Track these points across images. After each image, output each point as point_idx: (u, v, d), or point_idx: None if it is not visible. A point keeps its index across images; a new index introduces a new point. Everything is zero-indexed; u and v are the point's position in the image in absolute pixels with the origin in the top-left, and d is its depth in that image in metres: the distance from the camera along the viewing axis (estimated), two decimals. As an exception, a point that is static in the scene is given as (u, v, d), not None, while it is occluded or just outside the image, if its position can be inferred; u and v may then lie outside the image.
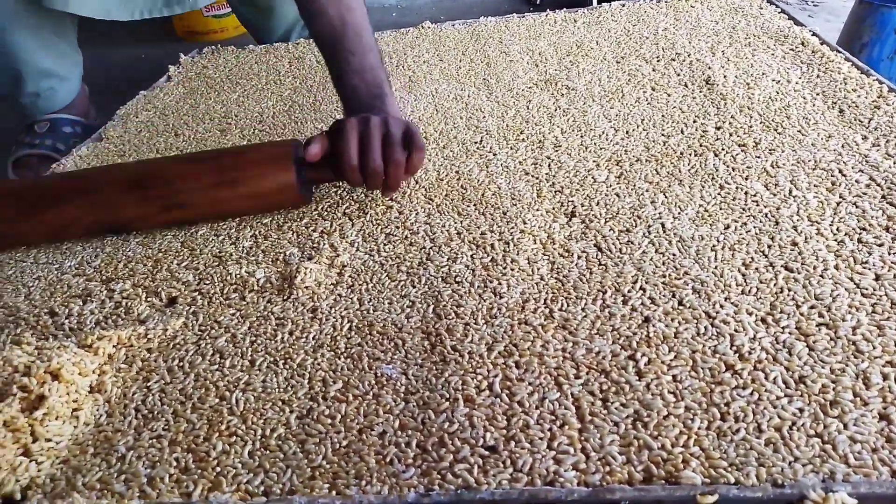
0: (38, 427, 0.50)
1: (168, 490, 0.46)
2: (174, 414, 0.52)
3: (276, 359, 0.56)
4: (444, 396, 0.50)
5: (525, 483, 0.43)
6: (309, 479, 0.46)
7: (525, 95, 0.98)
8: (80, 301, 0.67)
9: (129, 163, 0.85)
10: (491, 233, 0.68)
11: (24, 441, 0.49)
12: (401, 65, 1.16)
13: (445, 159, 0.84)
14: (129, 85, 1.45)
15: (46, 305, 0.67)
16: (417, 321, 0.58)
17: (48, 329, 0.63)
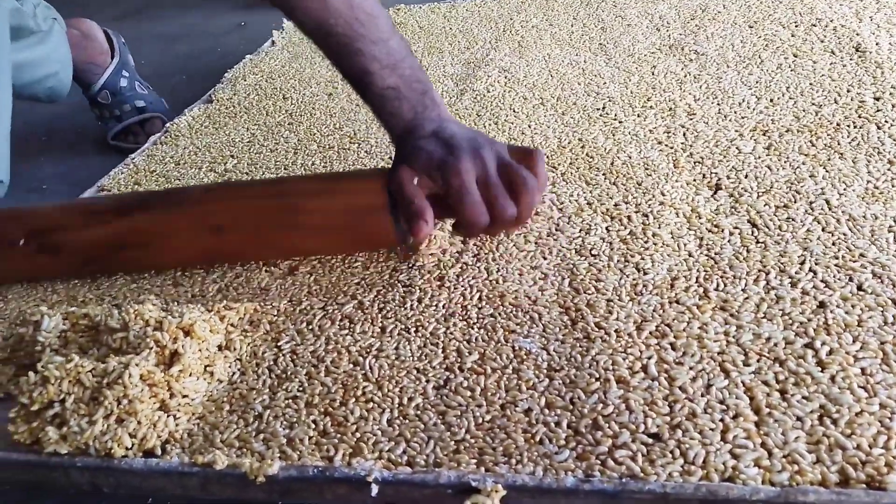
0: (175, 383, 0.49)
1: (309, 452, 0.44)
2: (308, 376, 0.50)
3: (407, 326, 0.54)
4: (594, 376, 0.46)
5: (700, 477, 0.39)
6: (454, 452, 0.43)
7: (648, 61, 0.91)
8: (202, 271, 0.66)
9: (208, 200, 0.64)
10: (626, 204, 0.64)
11: (161, 396, 0.49)
12: (508, 30, 1.11)
13: (566, 126, 0.79)
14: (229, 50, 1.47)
15: (170, 275, 0.66)
16: (552, 294, 0.55)
17: (172, 297, 0.63)
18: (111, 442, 0.46)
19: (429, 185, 0.56)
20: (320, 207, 0.60)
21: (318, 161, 0.82)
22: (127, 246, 0.63)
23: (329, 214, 0.60)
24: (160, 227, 0.63)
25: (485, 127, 0.82)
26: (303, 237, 0.62)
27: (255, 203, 0.62)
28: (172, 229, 0.62)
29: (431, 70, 1.01)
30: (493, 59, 1.00)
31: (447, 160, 0.55)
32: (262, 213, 0.61)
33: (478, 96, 0.90)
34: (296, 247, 0.64)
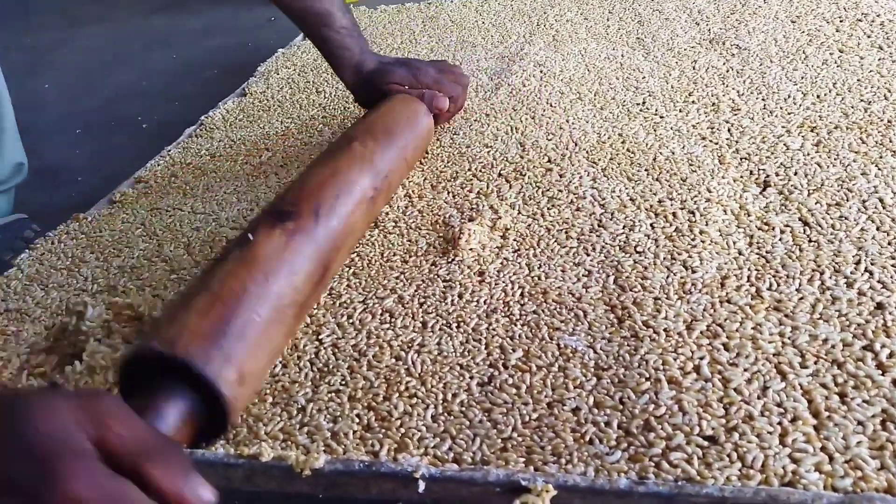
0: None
1: (354, 446, 0.44)
2: (350, 370, 0.50)
3: (449, 322, 0.53)
4: (644, 376, 0.45)
5: (759, 482, 0.37)
6: (501, 450, 0.42)
7: (689, 55, 0.89)
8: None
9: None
10: (671, 200, 0.62)
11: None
12: (542, 24, 1.10)
13: (605, 121, 0.78)
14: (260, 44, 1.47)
15: (208, 263, 0.66)
16: (597, 292, 0.54)
17: None
18: None
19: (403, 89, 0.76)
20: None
21: (352, 155, 0.81)
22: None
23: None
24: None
25: (521, 121, 0.81)
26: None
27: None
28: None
29: (465, 64, 1.01)
30: (528, 53, 0.99)
31: (418, 69, 0.77)
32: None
33: (513, 90, 0.89)
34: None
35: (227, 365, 0.39)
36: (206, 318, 0.41)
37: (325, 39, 0.77)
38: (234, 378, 0.39)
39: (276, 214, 0.51)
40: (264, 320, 0.43)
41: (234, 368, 0.40)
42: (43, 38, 1.85)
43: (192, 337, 0.39)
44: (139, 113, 1.30)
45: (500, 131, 0.80)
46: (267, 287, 0.44)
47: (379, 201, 0.63)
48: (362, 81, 0.78)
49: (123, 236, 0.73)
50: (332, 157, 0.61)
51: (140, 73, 1.48)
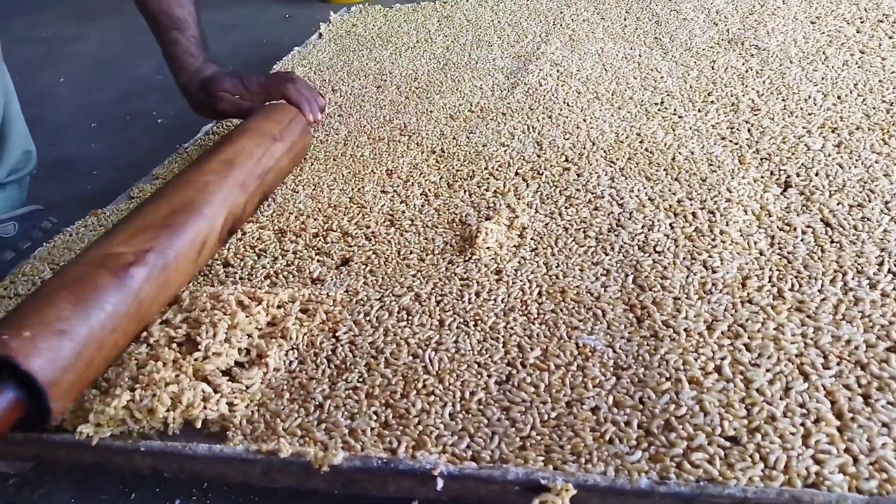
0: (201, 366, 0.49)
1: (371, 444, 0.44)
2: (367, 367, 0.50)
3: (466, 320, 0.53)
4: (664, 376, 0.45)
5: (782, 483, 0.37)
6: (519, 448, 0.42)
7: (707, 55, 0.89)
8: (254, 255, 0.66)
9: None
10: (690, 200, 0.62)
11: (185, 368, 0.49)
12: (558, 23, 1.09)
13: (623, 120, 0.77)
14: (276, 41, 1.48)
15: (221, 255, 0.66)
16: (616, 291, 0.53)
17: (218, 278, 0.63)
18: (153, 402, 0.46)
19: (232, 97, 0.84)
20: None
21: (367, 153, 0.82)
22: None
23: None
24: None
25: (538, 120, 0.81)
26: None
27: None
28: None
29: (481, 63, 1.00)
30: (544, 52, 0.99)
31: (248, 79, 0.85)
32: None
33: (530, 90, 0.89)
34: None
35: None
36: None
37: (174, 42, 0.83)
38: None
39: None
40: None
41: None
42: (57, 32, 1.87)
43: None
44: (154, 107, 1.30)
45: (516, 130, 0.80)
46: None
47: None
48: (197, 87, 0.84)
49: (141, 231, 0.73)
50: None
51: (155, 68, 1.49)
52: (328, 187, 0.75)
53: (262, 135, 0.74)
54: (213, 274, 0.63)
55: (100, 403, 0.47)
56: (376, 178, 0.75)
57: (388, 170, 0.77)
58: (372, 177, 0.76)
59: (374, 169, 0.77)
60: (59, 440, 0.49)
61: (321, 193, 0.74)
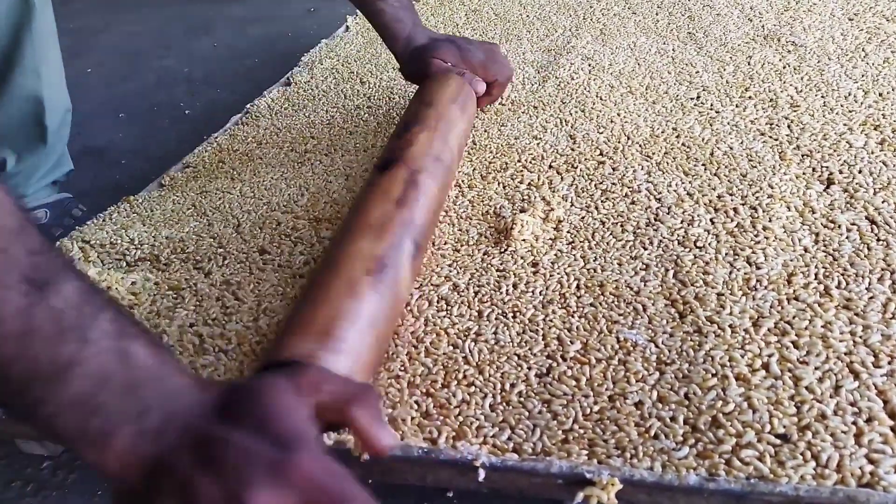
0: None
1: (412, 433, 0.44)
2: (409, 356, 0.49)
3: (504, 311, 0.53)
4: (710, 372, 0.44)
5: (835, 481, 0.36)
6: (562, 442, 0.42)
7: (743, 51, 0.87)
8: (290, 243, 0.66)
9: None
10: (731, 196, 0.61)
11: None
12: (588, 17, 1.08)
13: (658, 115, 0.76)
14: (301, 34, 1.48)
15: (256, 242, 0.66)
16: (657, 286, 0.53)
17: (256, 265, 0.63)
18: None
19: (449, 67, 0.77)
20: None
21: (398, 144, 0.81)
22: None
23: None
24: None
25: (570, 114, 0.80)
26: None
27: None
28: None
29: (511, 56, 1.00)
30: (575, 46, 0.98)
31: (467, 49, 0.78)
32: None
33: (561, 83, 0.88)
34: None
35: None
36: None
37: (379, 12, 0.78)
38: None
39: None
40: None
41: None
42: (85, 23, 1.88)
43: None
44: (181, 99, 1.31)
45: (549, 124, 0.79)
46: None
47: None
48: (411, 55, 0.79)
49: (174, 215, 0.73)
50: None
51: (182, 60, 1.50)
52: (361, 178, 0.75)
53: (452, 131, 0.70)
54: (250, 261, 0.63)
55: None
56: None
57: (420, 161, 0.76)
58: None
59: (406, 160, 0.77)
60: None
61: (355, 184, 0.74)
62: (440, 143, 0.65)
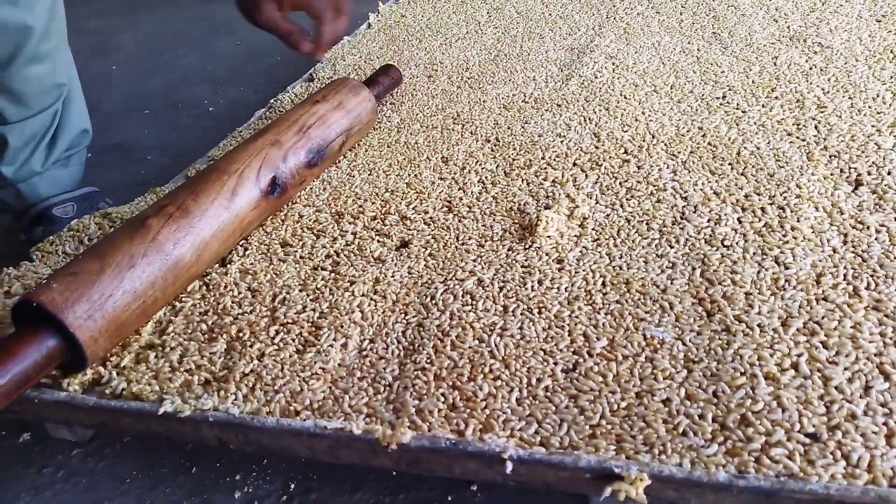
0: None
1: (439, 424, 0.44)
2: (435, 349, 0.50)
3: (530, 307, 0.53)
4: (738, 371, 0.44)
5: (866, 481, 0.36)
6: (589, 437, 0.42)
7: (769, 51, 0.87)
8: (312, 235, 0.66)
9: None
10: (758, 195, 0.61)
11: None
12: (611, 16, 1.08)
13: (683, 114, 0.76)
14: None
15: (279, 234, 0.67)
16: (683, 284, 0.53)
17: (277, 256, 0.64)
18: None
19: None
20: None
21: (421, 140, 0.82)
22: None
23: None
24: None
25: (594, 112, 0.80)
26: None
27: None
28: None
29: (533, 54, 1.00)
30: (598, 45, 0.98)
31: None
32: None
33: (585, 82, 0.88)
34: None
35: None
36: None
37: None
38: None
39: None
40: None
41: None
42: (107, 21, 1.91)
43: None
44: (205, 96, 1.32)
45: (572, 122, 0.79)
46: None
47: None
48: None
49: (201, 210, 0.74)
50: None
51: (204, 58, 1.51)
52: (384, 173, 0.76)
53: (303, 102, 0.76)
54: (271, 252, 0.64)
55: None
56: (432, 164, 0.75)
57: (444, 157, 0.77)
58: (428, 163, 0.76)
59: (430, 156, 0.77)
60: (126, 408, 0.49)
61: (377, 178, 0.75)
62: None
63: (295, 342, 0.52)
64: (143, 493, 0.55)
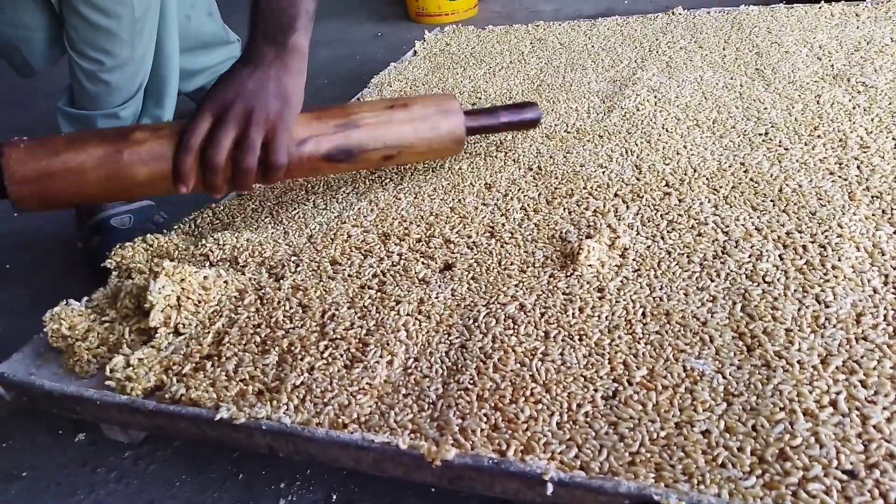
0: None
1: (481, 444, 0.46)
2: (477, 371, 0.52)
3: (571, 334, 0.54)
4: (778, 405, 0.45)
5: (906, 521, 0.37)
6: (629, 463, 0.43)
7: (812, 89, 0.88)
8: (360, 255, 0.69)
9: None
10: (800, 233, 0.61)
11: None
12: (654, 50, 1.10)
13: (725, 149, 0.77)
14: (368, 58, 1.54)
15: (328, 252, 0.70)
16: (724, 318, 0.54)
17: (326, 273, 0.66)
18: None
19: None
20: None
21: (465, 166, 0.84)
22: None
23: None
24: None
25: (636, 144, 0.82)
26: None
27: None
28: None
29: (575, 86, 1.02)
30: (641, 78, 1.00)
31: (204, 99, 0.64)
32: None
33: (627, 114, 0.90)
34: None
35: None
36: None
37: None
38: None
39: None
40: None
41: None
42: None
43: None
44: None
45: (614, 153, 0.81)
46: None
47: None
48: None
49: (253, 222, 0.78)
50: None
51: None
52: (429, 196, 0.78)
53: (384, 101, 0.77)
54: (321, 270, 0.67)
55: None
56: (476, 190, 0.78)
57: (487, 183, 0.79)
58: (471, 189, 0.78)
59: (473, 182, 0.80)
60: (183, 412, 0.52)
61: (422, 202, 0.77)
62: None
63: (343, 357, 0.54)
64: (191, 497, 0.58)
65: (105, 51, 0.82)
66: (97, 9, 0.78)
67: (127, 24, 0.81)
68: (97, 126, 0.89)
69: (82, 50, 0.83)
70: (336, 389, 0.51)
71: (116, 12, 0.79)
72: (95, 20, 0.79)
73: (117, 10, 0.79)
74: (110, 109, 0.89)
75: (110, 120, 0.90)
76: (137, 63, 0.87)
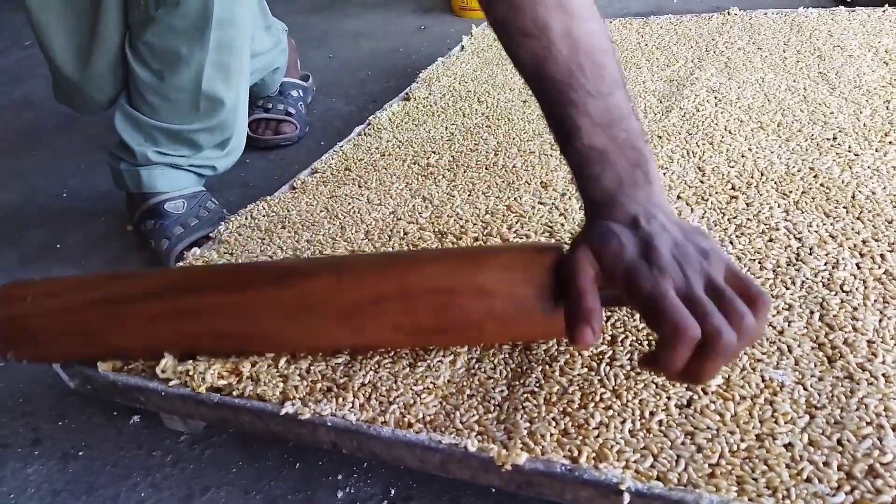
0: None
1: (552, 449, 0.44)
2: (543, 374, 0.51)
3: (639, 338, 0.53)
4: (864, 420, 0.43)
5: None
6: (709, 476, 0.42)
7: (880, 94, 0.85)
8: (415, 249, 0.68)
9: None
10: (877, 242, 0.59)
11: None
12: (711, 50, 1.07)
13: (792, 153, 0.75)
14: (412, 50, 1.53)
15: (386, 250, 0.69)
16: (801, 327, 0.52)
17: None
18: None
19: (603, 283, 0.45)
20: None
21: (519, 164, 0.83)
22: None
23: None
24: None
25: (697, 146, 0.80)
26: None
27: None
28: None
29: (631, 84, 1.00)
30: (699, 78, 0.97)
31: (638, 266, 0.42)
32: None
33: (686, 115, 0.87)
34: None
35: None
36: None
37: (570, 162, 0.51)
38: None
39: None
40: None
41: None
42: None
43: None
44: (301, 107, 1.38)
45: (675, 154, 0.79)
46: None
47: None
48: (586, 230, 0.47)
49: (309, 216, 0.78)
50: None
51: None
52: (483, 194, 0.77)
53: (448, 258, 0.53)
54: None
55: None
56: (532, 189, 0.77)
57: (543, 182, 0.78)
58: (527, 188, 0.77)
59: (529, 180, 0.79)
60: (248, 406, 0.52)
61: (477, 199, 0.76)
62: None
63: (408, 356, 0.54)
64: (248, 483, 0.58)
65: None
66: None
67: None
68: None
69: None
70: (401, 388, 0.51)
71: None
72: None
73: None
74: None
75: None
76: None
